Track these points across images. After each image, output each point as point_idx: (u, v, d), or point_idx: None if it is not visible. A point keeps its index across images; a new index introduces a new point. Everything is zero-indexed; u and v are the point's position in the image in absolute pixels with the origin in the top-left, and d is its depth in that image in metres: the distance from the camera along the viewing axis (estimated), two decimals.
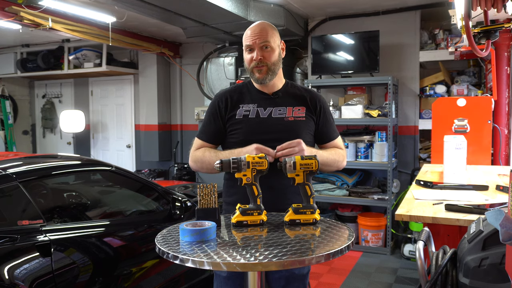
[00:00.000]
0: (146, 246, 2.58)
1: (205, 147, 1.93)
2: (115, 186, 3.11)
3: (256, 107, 1.91)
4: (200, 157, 1.90)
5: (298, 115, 1.91)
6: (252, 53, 1.87)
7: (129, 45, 5.82)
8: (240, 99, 1.94)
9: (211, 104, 1.99)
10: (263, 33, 1.86)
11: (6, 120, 7.54)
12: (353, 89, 5.19)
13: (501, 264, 1.13)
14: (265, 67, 1.87)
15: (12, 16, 4.29)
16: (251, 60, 1.88)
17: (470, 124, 3.87)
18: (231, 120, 1.91)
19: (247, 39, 1.88)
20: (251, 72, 1.90)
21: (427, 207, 2.01)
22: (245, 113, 1.90)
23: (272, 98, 1.93)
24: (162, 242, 1.40)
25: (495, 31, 1.95)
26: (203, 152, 1.90)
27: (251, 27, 1.90)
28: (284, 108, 1.91)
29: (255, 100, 1.93)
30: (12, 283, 1.92)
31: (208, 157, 1.86)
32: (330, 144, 2.00)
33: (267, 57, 1.87)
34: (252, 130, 1.87)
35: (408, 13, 4.92)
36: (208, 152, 1.89)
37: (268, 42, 1.87)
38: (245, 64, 1.93)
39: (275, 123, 1.88)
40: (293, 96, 1.96)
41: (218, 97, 1.98)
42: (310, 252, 1.27)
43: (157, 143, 6.75)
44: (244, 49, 1.92)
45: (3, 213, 2.20)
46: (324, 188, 4.87)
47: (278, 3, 4.66)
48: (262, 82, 1.89)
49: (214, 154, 1.87)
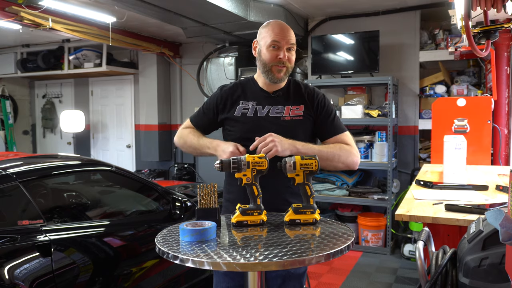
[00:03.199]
0: (146, 246, 2.59)
1: (192, 129, 2.01)
2: (115, 186, 3.11)
3: (255, 105, 1.91)
4: (184, 135, 2.00)
5: (295, 114, 1.89)
6: (278, 51, 1.84)
7: (129, 45, 5.82)
8: (241, 94, 1.94)
9: (211, 96, 2.02)
10: (291, 34, 1.86)
11: (6, 120, 7.54)
12: (353, 89, 5.19)
13: (501, 264, 1.13)
14: (285, 68, 1.86)
15: (12, 16, 4.29)
16: (275, 58, 1.84)
17: (470, 124, 3.87)
18: (229, 117, 1.92)
19: (275, 35, 1.83)
20: (269, 69, 1.86)
21: (427, 207, 2.01)
22: (244, 111, 1.91)
23: (272, 96, 1.93)
24: (162, 242, 1.40)
25: (495, 31, 1.95)
26: (188, 132, 2.00)
27: (275, 24, 1.87)
28: (282, 107, 1.90)
29: (255, 97, 1.93)
30: (12, 283, 1.92)
31: (191, 138, 1.96)
32: (333, 139, 1.89)
33: (290, 60, 1.87)
34: (248, 129, 1.86)
35: (408, 13, 4.92)
36: (192, 134, 1.97)
37: (294, 45, 1.88)
38: (264, 60, 1.86)
39: (271, 123, 1.87)
40: (293, 94, 1.95)
41: (220, 92, 1.98)
42: (310, 252, 1.27)
43: (157, 143, 6.75)
44: (266, 44, 1.85)
45: (3, 213, 2.20)
46: (324, 188, 4.87)
47: (278, 3, 4.66)
48: (277, 81, 1.89)
49: (196, 137, 1.95)
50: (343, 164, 1.83)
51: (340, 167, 1.85)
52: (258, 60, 1.91)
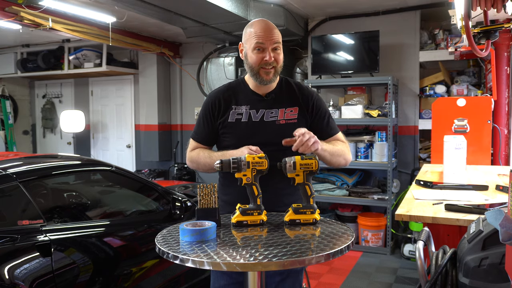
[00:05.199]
0: (146, 246, 2.58)
1: (199, 148, 1.94)
2: (115, 186, 3.11)
3: (249, 109, 1.87)
4: (195, 158, 1.91)
5: (289, 117, 1.87)
6: (263, 53, 1.79)
7: (129, 45, 5.82)
8: (233, 99, 1.89)
9: (204, 105, 1.95)
10: (275, 33, 1.80)
11: (6, 120, 7.54)
12: (353, 89, 5.19)
13: (501, 264, 1.13)
14: (273, 69, 1.81)
15: (12, 16, 4.29)
16: (261, 60, 1.79)
17: (470, 124, 3.87)
18: (224, 123, 1.88)
19: (258, 37, 1.78)
20: (257, 72, 1.82)
21: (427, 207, 2.01)
22: (238, 116, 1.87)
23: (265, 99, 1.89)
24: (162, 242, 1.40)
25: (495, 31, 1.95)
26: (197, 153, 1.91)
27: (258, 25, 1.81)
28: (276, 111, 1.87)
29: (248, 101, 1.88)
30: (12, 283, 1.92)
31: (203, 158, 1.88)
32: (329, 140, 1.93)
33: (278, 59, 1.81)
34: (244, 134, 1.84)
35: (408, 13, 4.92)
36: (202, 153, 1.90)
37: (280, 43, 1.82)
38: (250, 64, 1.82)
39: (266, 127, 1.85)
40: (287, 96, 1.92)
41: (210, 99, 1.93)
42: (310, 252, 1.28)
43: (157, 143, 6.75)
44: (250, 47, 1.80)
45: (3, 213, 2.20)
46: (324, 188, 4.87)
47: (278, 3, 4.66)
48: (266, 83, 1.85)
49: (208, 155, 1.88)
50: (345, 160, 1.90)
51: (342, 163, 1.90)
52: (245, 63, 1.87)
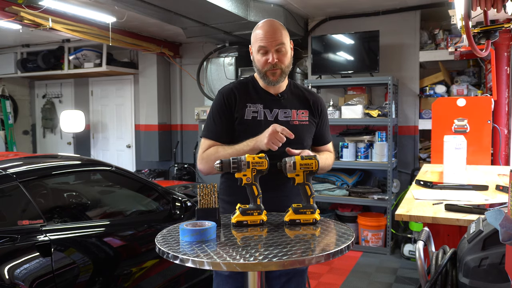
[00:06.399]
0: (146, 246, 2.58)
1: (215, 147, 1.84)
2: (115, 186, 3.11)
3: (263, 108, 1.87)
4: (212, 155, 1.78)
5: (302, 118, 1.91)
6: (267, 56, 1.80)
7: (129, 45, 5.82)
8: (247, 97, 1.89)
9: (217, 101, 1.90)
10: (277, 34, 1.80)
11: (6, 120, 7.54)
12: (353, 89, 5.19)
13: (501, 264, 1.13)
14: (279, 70, 1.82)
15: (12, 16, 4.29)
16: (265, 63, 1.80)
17: (470, 124, 3.87)
18: (241, 120, 1.85)
19: (261, 40, 1.79)
20: (264, 74, 1.83)
21: (427, 207, 2.01)
22: (254, 114, 1.86)
23: (278, 99, 1.91)
24: (162, 242, 1.40)
25: (495, 31, 1.95)
26: (215, 152, 1.80)
27: (262, 27, 1.82)
28: (289, 111, 1.90)
29: (261, 100, 1.89)
30: (12, 283, 1.92)
31: (223, 154, 1.76)
32: (324, 147, 2.03)
33: (282, 60, 1.81)
34: (259, 133, 1.81)
35: (408, 13, 4.92)
36: (221, 149, 1.79)
37: (283, 44, 1.81)
38: (257, 66, 1.85)
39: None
40: (297, 98, 1.95)
41: (225, 93, 1.89)
42: (310, 252, 1.28)
43: (157, 143, 6.76)
44: (255, 50, 1.83)
45: (3, 213, 2.20)
46: (324, 188, 4.87)
47: (278, 3, 4.66)
48: (274, 84, 1.86)
49: (228, 149, 1.77)
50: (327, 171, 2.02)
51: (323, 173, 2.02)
52: (254, 65, 1.89)
